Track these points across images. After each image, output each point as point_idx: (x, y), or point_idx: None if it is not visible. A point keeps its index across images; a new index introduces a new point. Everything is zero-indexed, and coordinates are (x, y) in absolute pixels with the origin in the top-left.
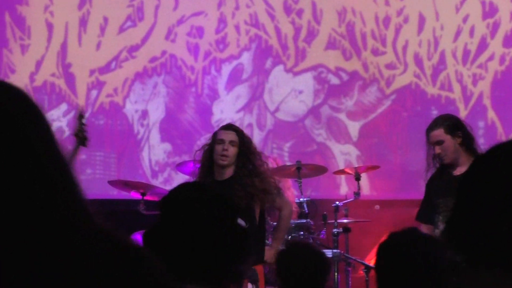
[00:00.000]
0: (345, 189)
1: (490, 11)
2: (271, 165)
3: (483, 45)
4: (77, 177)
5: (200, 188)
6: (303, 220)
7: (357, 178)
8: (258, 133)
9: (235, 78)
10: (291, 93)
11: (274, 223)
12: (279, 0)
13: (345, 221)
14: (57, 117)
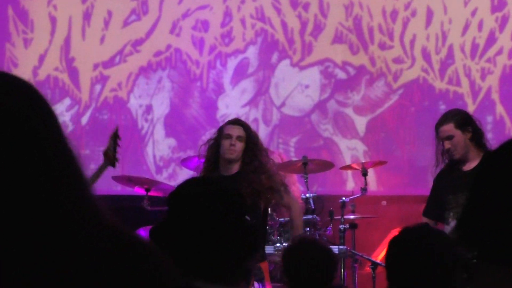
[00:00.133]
0: (351, 184)
1: (498, 4)
2: (276, 160)
3: (491, 39)
4: (84, 171)
5: (208, 183)
6: (309, 216)
7: (364, 174)
8: (264, 128)
9: (240, 73)
10: (297, 87)
11: (281, 219)
12: None
13: (351, 217)
14: (60, 112)
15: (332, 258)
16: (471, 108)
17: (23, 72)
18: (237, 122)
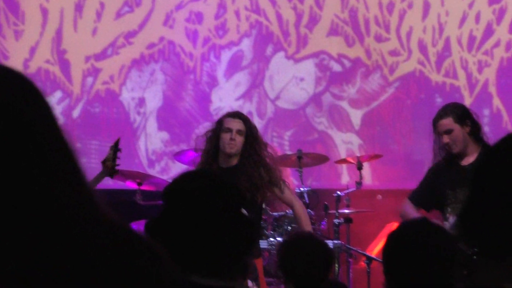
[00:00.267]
0: (346, 178)
1: None
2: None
3: (489, 31)
4: (81, 164)
5: (204, 177)
6: None
7: (359, 168)
8: (258, 121)
9: (234, 65)
10: (292, 80)
11: (275, 213)
12: None
13: (346, 211)
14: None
15: (328, 253)
16: (467, 101)
17: (13, 65)
18: (237, 115)
